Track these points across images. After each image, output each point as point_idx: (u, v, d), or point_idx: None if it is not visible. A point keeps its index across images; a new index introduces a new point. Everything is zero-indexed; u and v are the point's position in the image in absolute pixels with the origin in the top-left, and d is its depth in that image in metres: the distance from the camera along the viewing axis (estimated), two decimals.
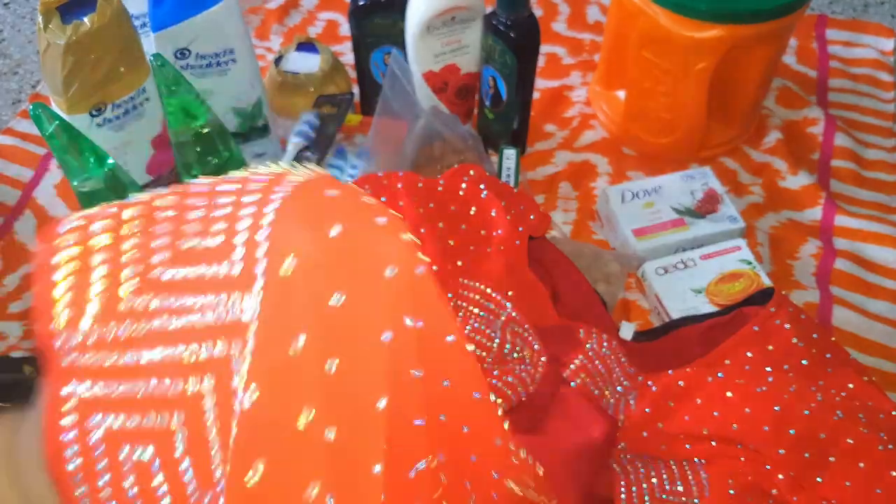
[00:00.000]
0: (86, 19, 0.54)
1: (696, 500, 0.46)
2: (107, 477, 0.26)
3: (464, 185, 0.59)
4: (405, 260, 0.29)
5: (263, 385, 0.26)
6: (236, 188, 0.30)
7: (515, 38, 0.66)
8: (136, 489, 0.26)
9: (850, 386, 0.49)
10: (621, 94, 0.77)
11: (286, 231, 0.27)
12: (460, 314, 0.52)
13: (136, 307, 0.27)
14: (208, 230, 0.28)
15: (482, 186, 0.59)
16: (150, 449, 0.26)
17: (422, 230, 0.55)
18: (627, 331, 0.58)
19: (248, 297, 0.26)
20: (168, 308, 0.27)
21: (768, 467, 0.46)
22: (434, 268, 0.53)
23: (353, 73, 0.79)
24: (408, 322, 0.28)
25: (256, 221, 0.28)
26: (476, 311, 0.52)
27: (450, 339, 0.29)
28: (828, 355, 0.52)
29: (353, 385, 0.27)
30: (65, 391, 0.26)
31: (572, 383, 0.50)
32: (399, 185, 0.58)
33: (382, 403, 0.27)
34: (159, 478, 0.26)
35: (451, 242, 0.56)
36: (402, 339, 0.28)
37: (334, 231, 0.28)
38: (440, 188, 0.58)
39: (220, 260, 0.27)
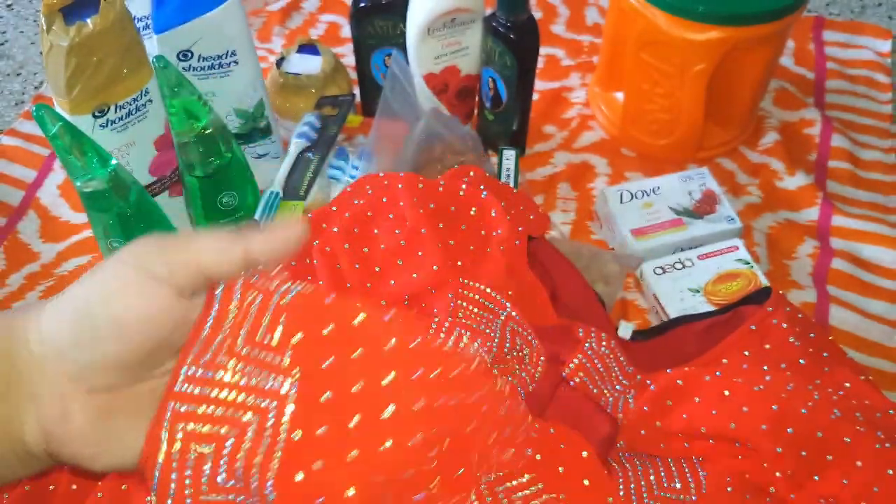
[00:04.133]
0: (89, 21, 0.54)
1: (693, 498, 0.46)
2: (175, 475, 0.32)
3: (464, 186, 0.59)
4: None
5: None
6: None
7: (515, 39, 0.66)
8: (191, 481, 0.32)
9: (847, 385, 0.50)
10: (620, 95, 0.77)
11: None
12: (460, 314, 0.52)
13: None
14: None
15: (482, 187, 0.59)
16: (212, 446, 0.32)
17: (422, 230, 0.55)
18: (626, 330, 0.59)
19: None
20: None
21: (766, 465, 0.46)
22: (435, 267, 0.54)
23: (353, 75, 0.80)
24: None
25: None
26: (476, 310, 0.53)
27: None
28: (825, 354, 0.52)
29: None
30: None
31: (571, 382, 0.50)
32: (400, 186, 0.58)
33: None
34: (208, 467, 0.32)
35: (452, 242, 0.56)
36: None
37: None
38: (440, 189, 0.59)
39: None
